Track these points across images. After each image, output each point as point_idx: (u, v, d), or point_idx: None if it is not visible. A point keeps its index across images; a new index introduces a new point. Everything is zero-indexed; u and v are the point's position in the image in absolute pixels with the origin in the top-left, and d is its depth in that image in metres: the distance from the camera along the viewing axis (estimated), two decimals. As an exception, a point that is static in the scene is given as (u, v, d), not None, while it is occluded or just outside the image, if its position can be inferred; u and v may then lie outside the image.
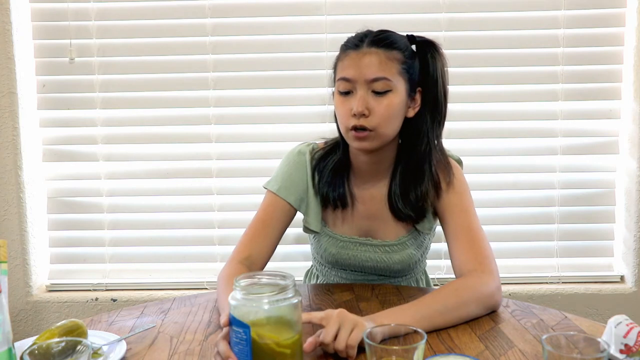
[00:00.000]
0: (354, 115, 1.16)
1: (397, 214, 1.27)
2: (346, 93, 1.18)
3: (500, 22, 1.96)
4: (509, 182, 2.02)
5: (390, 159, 1.28)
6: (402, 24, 1.95)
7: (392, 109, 1.17)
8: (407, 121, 1.23)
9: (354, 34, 1.23)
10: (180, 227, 2.06)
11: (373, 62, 1.16)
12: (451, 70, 1.97)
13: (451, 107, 1.95)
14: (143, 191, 2.05)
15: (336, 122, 1.25)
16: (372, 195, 1.30)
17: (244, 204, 2.02)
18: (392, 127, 1.20)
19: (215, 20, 1.98)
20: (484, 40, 1.96)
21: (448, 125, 1.95)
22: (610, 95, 1.98)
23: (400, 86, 1.18)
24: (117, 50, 1.99)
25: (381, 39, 1.18)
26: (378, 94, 1.16)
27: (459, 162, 1.35)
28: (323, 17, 1.96)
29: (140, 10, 1.98)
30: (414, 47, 1.24)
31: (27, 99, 2.00)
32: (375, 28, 1.83)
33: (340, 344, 0.89)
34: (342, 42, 1.24)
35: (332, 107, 1.24)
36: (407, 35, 1.25)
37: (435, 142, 1.26)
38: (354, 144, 1.21)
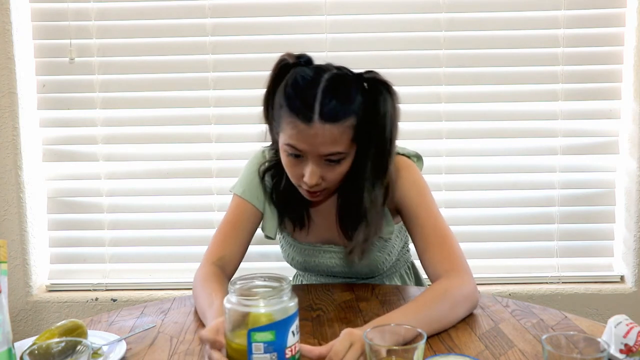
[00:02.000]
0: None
1: (344, 228, 1.23)
2: (295, 156, 1.09)
3: (500, 22, 1.96)
4: (509, 182, 2.02)
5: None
6: (402, 24, 1.95)
7: (345, 171, 1.12)
8: None
9: (296, 85, 1.07)
10: (180, 227, 2.06)
11: (326, 140, 1.05)
12: (451, 70, 2.00)
13: (451, 107, 1.99)
14: (143, 191, 2.05)
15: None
16: (327, 207, 1.27)
17: (244, 204, 2.01)
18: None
19: (215, 20, 1.98)
20: (484, 40, 1.96)
21: (448, 125, 1.99)
22: (610, 95, 1.98)
23: (352, 148, 1.10)
24: (117, 50, 1.99)
25: (334, 112, 1.04)
26: (332, 162, 1.08)
27: (418, 157, 1.29)
28: (323, 17, 1.96)
29: (140, 10, 1.99)
30: (365, 84, 1.11)
31: (27, 99, 2.00)
32: (375, 28, 1.81)
33: None
34: (285, 93, 1.08)
35: None
36: (357, 75, 1.12)
37: (372, 188, 1.14)
38: (306, 197, 1.16)
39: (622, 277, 2.05)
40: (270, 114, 1.16)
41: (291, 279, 1.51)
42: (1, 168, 1.98)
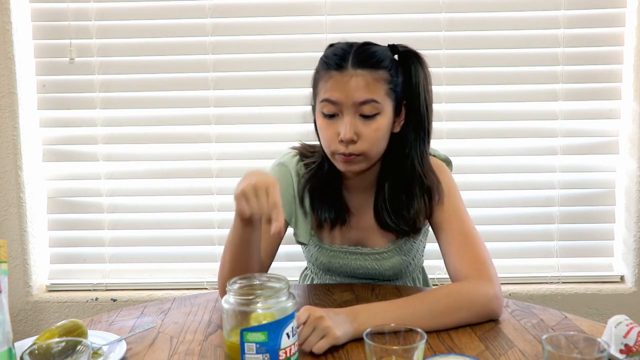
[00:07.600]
0: (342, 141, 1.11)
1: (386, 227, 1.24)
2: (331, 116, 1.13)
3: (500, 22, 1.96)
4: (509, 182, 2.02)
5: (376, 171, 1.24)
6: (402, 24, 1.95)
7: (381, 131, 1.14)
8: (392, 135, 1.19)
9: (333, 48, 1.17)
10: (180, 227, 2.06)
11: (360, 85, 1.10)
12: (451, 70, 2.00)
13: (451, 107, 1.99)
14: (143, 191, 2.05)
15: (318, 139, 1.21)
16: (359, 205, 1.27)
17: (244, 204, 2.01)
18: (380, 148, 1.17)
19: (215, 20, 1.98)
20: (484, 40, 1.96)
21: (449, 125, 1.99)
22: (610, 95, 1.98)
23: (387, 107, 1.14)
24: (117, 50, 1.99)
25: (366, 58, 1.12)
26: (366, 117, 1.11)
27: (447, 162, 1.31)
28: (323, 17, 1.96)
29: (140, 10, 1.99)
30: (396, 56, 1.19)
31: (27, 99, 2.00)
32: (375, 28, 1.82)
33: (306, 348, 0.92)
34: (321, 57, 1.17)
35: None
36: (389, 45, 1.20)
37: (421, 158, 1.20)
38: (341, 167, 1.17)
39: (622, 277, 2.05)
40: (313, 92, 1.20)
41: (299, 278, 1.51)
42: (1, 168, 1.98)
